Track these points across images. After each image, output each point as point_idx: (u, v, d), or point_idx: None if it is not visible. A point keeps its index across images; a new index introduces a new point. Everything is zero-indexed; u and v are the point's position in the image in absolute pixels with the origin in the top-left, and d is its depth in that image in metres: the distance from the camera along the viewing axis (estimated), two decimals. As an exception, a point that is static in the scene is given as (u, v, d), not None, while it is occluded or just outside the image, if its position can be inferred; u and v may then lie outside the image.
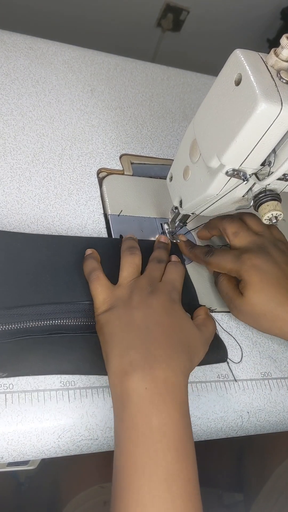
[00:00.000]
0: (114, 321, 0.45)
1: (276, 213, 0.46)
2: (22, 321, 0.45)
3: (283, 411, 0.52)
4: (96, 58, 0.75)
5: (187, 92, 0.79)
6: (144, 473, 0.37)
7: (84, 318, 0.48)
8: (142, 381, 0.40)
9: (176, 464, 0.37)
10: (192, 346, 0.45)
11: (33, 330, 0.45)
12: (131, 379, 0.40)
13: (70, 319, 0.47)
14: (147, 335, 0.43)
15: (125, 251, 0.52)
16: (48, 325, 0.46)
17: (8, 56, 0.68)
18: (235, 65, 0.41)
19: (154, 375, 0.40)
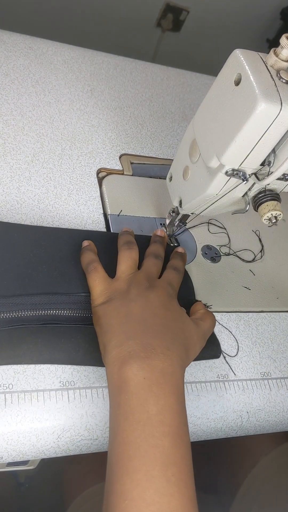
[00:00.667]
0: (111, 312, 0.45)
1: (275, 213, 0.46)
2: (17, 310, 0.45)
3: (283, 411, 0.52)
4: (96, 58, 0.75)
5: (186, 92, 0.79)
6: (141, 456, 0.37)
7: (79, 310, 0.48)
8: (141, 371, 0.40)
9: (172, 449, 0.38)
10: (189, 339, 0.46)
11: (28, 320, 0.46)
12: (130, 368, 0.40)
13: (65, 310, 0.47)
14: (145, 326, 0.43)
15: (122, 245, 0.52)
16: (43, 315, 0.46)
17: (8, 56, 0.68)
18: (234, 65, 0.41)
19: (152, 365, 0.41)
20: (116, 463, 0.38)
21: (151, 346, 0.42)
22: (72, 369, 0.46)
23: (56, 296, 0.48)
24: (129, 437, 0.38)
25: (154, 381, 0.40)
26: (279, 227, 0.59)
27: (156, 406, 0.39)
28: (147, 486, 0.36)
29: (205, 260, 0.59)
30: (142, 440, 0.37)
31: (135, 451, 0.37)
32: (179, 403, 0.40)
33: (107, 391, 0.45)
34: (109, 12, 1.40)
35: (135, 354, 0.41)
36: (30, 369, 0.44)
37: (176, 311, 0.47)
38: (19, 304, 0.46)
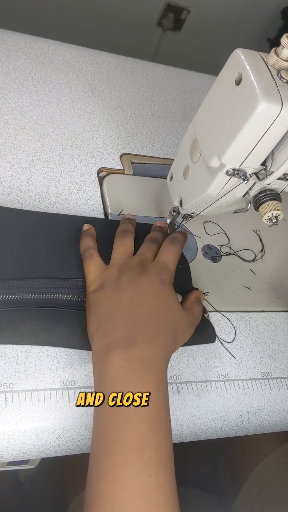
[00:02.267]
0: (101, 300, 0.46)
1: (276, 213, 0.46)
2: (16, 293, 0.46)
3: (283, 410, 0.52)
4: (97, 58, 0.75)
5: (187, 91, 0.79)
6: (119, 439, 0.38)
7: (76, 294, 0.49)
8: (120, 360, 0.41)
9: (150, 434, 0.39)
10: (177, 327, 0.46)
11: (26, 302, 0.47)
12: (110, 358, 0.41)
13: (63, 294, 0.48)
14: (131, 316, 0.44)
15: (118, 233, 0.53)
16: (41, 299, 0.47)
17: (9, 56, 0.68)
18: (235, 65, 0.41)
19: (132, 354, 0.42)
20: (97, 447, 0.39)
21: (133, 336, 0.43)
22: (73, 369, 0.46)
23: (55, 281, 0.49)
24: (108, 421, 0.39)
25: (132, 370, 0.41)
26: (280, 227, 0.59)
27: (133, 392, 0.40)
28: (125, 468, 0.37)
29: (205, 259, 0.59)
30: (120, 425, 0.39)
31: (113, 436, 0.38)
32: (158, 390, 0.41)
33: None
34: (109, 11, 1.40)
35: (116, 344, 0.42)
36: (30, 369, 0.44)
37: (167, 297, 0.47)
38: (18, 287, 0.47)
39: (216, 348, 0.53)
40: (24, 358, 0.45)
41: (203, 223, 0.62)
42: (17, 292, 0.47)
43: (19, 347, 0.45)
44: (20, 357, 0.45)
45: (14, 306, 0.46)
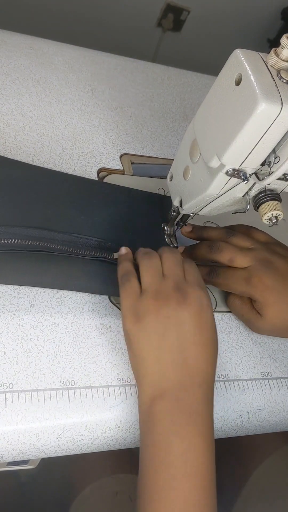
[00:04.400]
0: (143, 339, 0.44)
1: (276, 213, 0.46)
2: (9, 238, 0.48)
3: (283, 411, 0.52)
4: (97, 58, 0.75)
5: (187, 92, 0.79)
6: (161, 498, 0.38)
7: (68, 247, 0.50)
8: (169, 413, 0.41)
9: (194, 492, 0.38)
10: (216, 354, 0.45)
11: (18, 247, 0.48)
12: (159, 410, 0.41)
13: (56, 245, 0.49)
14: (179, 360, 0.43)
15: (142, 256, 0.49)
16: (33, 245, 0.48)
17: (9, 56, 0.68)
18: (235, 65, 0.41)
19: (181, 407, 0.41)
20: (141, 503, 0.39)
21: (184, 386, 0.42)
22: (73, 369, 0.46)
23: (48, 232, 0.50)
24: (152, 478, 0.39)
25: (180, 423, 0.40)
26: (280, 227, 0.58)
27: (180, 447, 0.39)
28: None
29: (205, 260, 0.59)
30: (163, 482, 0.38)
31: (156, 493, 0.38)
32: (205, 442, 0.40)
33: (107, 391, 0.46)
34: (109, 12, 1.40)
35: (166, 396, 0.41)
36: (30, 369, 0.44)
37: (209, 328, 0.45)
38: (12, 233, 0.48)
39: (216, 348, 0.53)
40: (24, 358, 0.45)
41: (203, 224, 0.62)
42: (10, 238, 0.48)
43: (19, 347, 0.45)
44: (20, 357, 0.45)
45: (5, 249, 0.47)
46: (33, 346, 0.46)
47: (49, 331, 0.47)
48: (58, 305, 0.49)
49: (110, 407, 0.45)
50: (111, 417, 0.45)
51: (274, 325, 0.51)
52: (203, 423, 0.41)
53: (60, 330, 0.48)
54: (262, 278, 0.50)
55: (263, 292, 0.50)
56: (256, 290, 0.50)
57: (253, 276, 0.51)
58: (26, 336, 0.46)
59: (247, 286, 0.51)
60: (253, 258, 0.52)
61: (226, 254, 0.52)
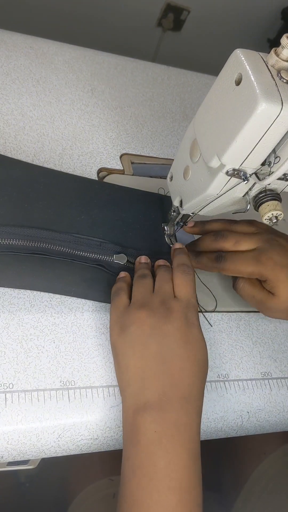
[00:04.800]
0: (127, 350, 0.44)
1: (276, 213, 0.46)
2: (9, 239, 0.48)
3: (283, 411, 0.52)
4: (97, 58, 0.75)
5: (187, 91, 0.79)
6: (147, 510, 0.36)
7: (67, 248, 0.50)
8: (153, 423, 0.39)
9: (178, 505, 0.37)
10: (205, 373, 0.45)
11: (17, 248, 0.48)
12: (143, 420, 0.40)
13: (54, 246, 0.49)
14: (163, 372, 0.42)
15: (137, 278, 0.50)
16: (33, 247, 0.48)
17: (9, 56, 0.68)
18: (235, 65, 0.41)
19: (166, 418, 0.40)
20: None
21: (167, 397, 0.41)
22: (73, 369, 0.46)
23: (48, 232, 0.50)
24: (135, 490, 0.38)
25: (165, 434, 0.39)
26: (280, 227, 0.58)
27: (164, 460, 0.38)
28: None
29: (205, 260, 0.59)
30: (146, 495, 0.37)
31: (139, 506, 0.37)
32: (190, 455, 0.39)
33: (107, 391, 0.46)
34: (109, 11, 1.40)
35: (149, 406, 0.40)
36: (30, 369, 0.44)
37: (195, 344, 0.44)
38: (11, 233, 0.48)
39: (216, 348, 0.53)
40: (24, 358, 0.45)
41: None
42: (10, 238, 0.48)
43: (19, 347, 0.45)
44: (20, 357, 0.45)
45: (4, 251, 0.47)
46: (33, 346, 0.46)
47: (49, 331, 0.47)
48: (58, 305, 0.49)
49: (110, 407, 0.45)
50: (111, 417, 0.45)
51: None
52: (189, 434, 0.40)
53: (60, 330, 0.48)
54: (271, 255, 0.50)
55: (274, 269, 0.49)
56: (267, 267, 0.49)
57: (262, 255, 0.50)
58: (26, 336, 0.46)
59: (257, 265, 0.50)
60: (258, 240, 0.51)
61: (231, 239, 0.52)
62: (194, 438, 0.40)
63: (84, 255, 0.50)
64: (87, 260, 0.50)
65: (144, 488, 0.37)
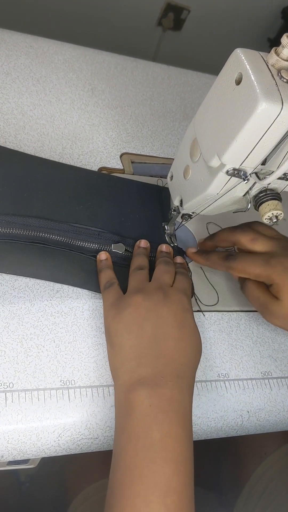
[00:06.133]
0: (122, 332, 0.45)
1: (276, 213, 0.46)
2: (9, 227, 0.48)
3: (283, 410, 0.52)
4: (97, 57, 0.75)
5: (187, 91, 0.79)
6: (141, 481, 0.37)
7: (67, 237, 0.50)
8: (148, 398, 0.40)
9: (173, 476, 0.37)
10: (198, 357, 0.46)
11: (18, 237, 0.49)
12: (137, 395, 0.41)
13: (53, 235, 0.50)
14: (157, 350, 0.43)
15: (133, 269, 0.51)
16: (32, 236, 0.49)
17: (9, 55, 0.68)
18: (235, 64, 0.41)
19: (160, 393, 0.41)
20: (116, 487, 0.38)
21: (161, 373, 0.42)
22: (73, 368, 0.46)
23: (47, 221, 0.51)
24: (131, 462, 0.38)
25: (160, 409, 0.40)
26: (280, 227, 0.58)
27: (159, 432, 0.39)
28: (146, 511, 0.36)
29: (205, 259, 0.59)
30: (143, 466, 0.38)
31: (135, 476, 0.37)
32: (184, 430, 0.40)
33: (107, 390, 0.46)
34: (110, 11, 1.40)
35: (144, 381, 0.41)
36: (30, 368, 0.44)
37: (190, 328, 0.45)
38: (11, 222, 0.49)
39: (216, 347, 0.53)
40: (24, 358, 0.45)
41: (206, 224, 0.62)
42: (10, 227, 0.48)
43: (19, 346, 0.45)
44: (20, 357, 0.45)
45: (5, 238, 0.48)
46: (33, 346, 0.46)
47: (49, 331, 0.47)
48: (58, 304, 0.49)
49: (110, 406, 0.45)
50: (111, 416, 0.45)
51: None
52: (182, 411, 0.41)
53: (60, 329, 0.48)
54: (282, 260, 0.50)
55: (282, 273, 0.49)
56: (275, 270, 0.49)
57: (272, 258, 0.50)
58: (26, 336, 0.46)
59: (266, 267, 0.50)
60: (274, 245, 0.51)
61: (249, 234, 0.52)
62: (186, 414, 0.41)
63: (83, 245, 0.51)
64: (84, 250, 0.52)
65: (141, 459, 0.38)
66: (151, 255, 0.54)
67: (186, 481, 0.38)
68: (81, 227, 0.52)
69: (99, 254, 0.52)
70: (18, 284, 0.48)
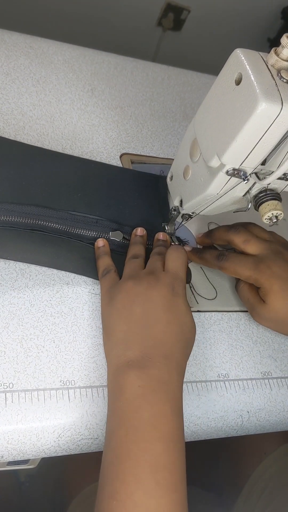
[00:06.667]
0: (114, 315, 0.46)
1: (276, 213, 0.46)
2: (8, 215, 0.49)
3: (283, 410, 0.52)
4: (97, 58, 0.75)
5: (187, 91, 0.79)
6: (132, 459, 0.38)
7: (65, 225, 0.51)
8: (137, 379, 0.41)
9: (163, 454, 0.38)
10: (189, 340, 0.46)
11: (17, 224, 0.50)
12: (127, 377, 0.41)
13: (52, 223, 0.51)
14: (145, 333, 0.44)
15: (129, 258, 0.52)
16: (31, 223, 0.50)
17: (9, 56, 0.68)
18: (235, 65, 0.41)
19: (149, 374, 0.41)
20: (108, 466, 0.39)
21: (149, 355, 0.42)
22: (73, 369, 0.46)
23: (46, 209, 0.52)
24: (122, 441, 0.39)
25: (149, 389, 0.41)
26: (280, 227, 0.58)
27: (149, 412, 0.40)
28: (136, 487, 0.36)
29: (205, 259, 0.59)
30: (133, 444, 0.38)
31: (126, 455, 0.38)
32: (173, 409, 0.41)
33: (107, 391, 0.46)
34: (109, 11, 1.40)
35: (132, 364, 0.42)
36: (30, 368, 0.44)
37: (179, 311, 0.46)
38: (10, 210, 0.50)
39: (216, 348, 0.53)
40: (24, 358, 0.45)
41: (208, 224, 0.62)
42: (9, 215, 0.49)
43: (19, 346, 0.45)
44: (20, 357, 0.45)
45: (4, 226, 0.49)
46: (33, 346, 0.46)
47: (49, 331, 0.47)
48: (58, 304, 0.49)
49: (110, 406, 0.45)
50: (111, 416, 0.45)
51: (276, 315, 0.51)
52: (172, 392, 0.42)
53: (60, 329, 0.48)
54: (271, 264, 0.51)
55: (270, 278, 0.50)
56: (263, 275, 0.50)
57: (262, 262, 0.51)
58: (26, 336, 0.46)
59: (254, 271, 0.51)
60: (266, 247, 0.52)
61: (242, 235, 0.53)
62: (175, 395, 0.42)
63: (81, 233, 0.52)
64: (82, 238, 0.52)
65: (131, 438, 0.39)
66: (148, 243, 0.55)
67: (177, 459, 0.39)
68: (79, 215, 0.53)
69: (96, 241, 0.53)
70: (18, 284, 0.48)
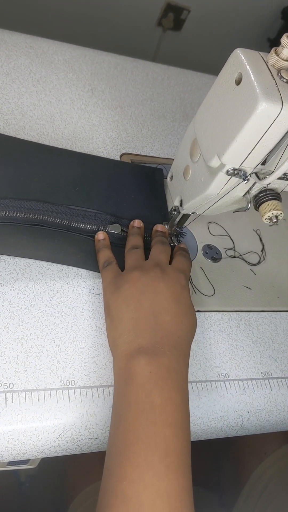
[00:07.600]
0: (121, 305, 0.46)
1: (276, 213, 0.46)
2: (7, 211, 0.50)
3: (284, 410, 0.52)
4: (97, 57, 0.75)
5: (187, 91, 0.79)
6: (142, 442, 0.38)
7: (64, 219, 0.52)
8: (148, 365, 0.41)
9: (173, 439, 0.39)
10: (193, 333, 0.47)
11: (17, 219, 0.50)
12: (137, 362, 0.42)
13: (52, 217, 0.51)
14: (155, 323, 0.44)
15: (129, 249, 0.53)
16: (31, 218, 0.51)
17: (9, 55, 0.68)
18: (235, 65, 0.41)
19: (159, 361, 0.42)
20: (117, 449, 0.39)
21: (160, 344, 0.43)
22: (73, 369, 0.46)
23: (45, 204, 0.52)
24: (132, 425, 0.39)
25: (159, 376, 0.41)
26: (280, 227, 0.58)
27: (160, 397, 0.40)
28: (146, 469, 0.37)
29: (205, 259, 0.59)
30: (144, 428, 0.39)
31: (137, 438, 0.38)
32: (182, 397, 0.41)
33: (107, 391, 0.46)
34: (109, 11, 1.40)
35: (143, 350, 0.42)
36: (30, 369, 0.44)
37: (186, 304, 0.47)
38: (10, 205, 0.50)
39: (216, 348, 0.53)
40: (24, 358, 0.45)
41: (207, 224, 0.62)
42: (8, 210, 0.50)
43: (19, 346, 0.45)
44: (20, 357, 0.45)
45: (4, 221, 0.49)
46: (33, 346, 0.46)
47: (49, 331, 0.47)
48: (58, 305, 0.49)
49: (110, 407, 0.45)
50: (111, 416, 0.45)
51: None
52: (180, 380, 0.42)
53: (60, 330, 0.48)
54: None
55: None
56: None
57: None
58: (26, 336, 0.46)
59: None
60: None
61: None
62: (183, 383, 0.43)
63: (80, 226, 0.53)
64: (81, 231, 0.53)
65: (141, 422, 0.39)
66: (146, 235, 0.56)
67: (184, 446, 0.39)
68: (78, 209, 0.54)
69: (97, 234, 0.53)
70: (18, 284, 0.48)
